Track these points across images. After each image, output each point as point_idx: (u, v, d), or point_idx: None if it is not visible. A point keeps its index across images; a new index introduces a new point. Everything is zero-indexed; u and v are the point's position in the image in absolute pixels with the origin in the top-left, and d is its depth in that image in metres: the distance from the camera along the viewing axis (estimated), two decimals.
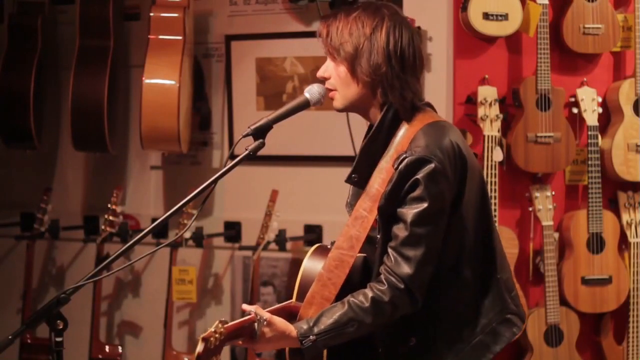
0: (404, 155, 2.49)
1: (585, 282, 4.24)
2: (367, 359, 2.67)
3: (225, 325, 2.41)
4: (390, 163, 2.53)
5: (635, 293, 4.28)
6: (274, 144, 3.09)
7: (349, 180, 2.63)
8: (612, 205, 4.34)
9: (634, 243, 4.29)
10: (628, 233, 4.29)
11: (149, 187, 5.02)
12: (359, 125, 4.46)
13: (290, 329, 2.50)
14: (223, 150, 4.84)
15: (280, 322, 2.50)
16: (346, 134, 4.44)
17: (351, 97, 2.60)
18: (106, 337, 5.06)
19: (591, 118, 4.23)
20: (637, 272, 4.28)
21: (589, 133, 4.23)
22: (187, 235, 4.61)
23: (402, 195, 2.50)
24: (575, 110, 4.26)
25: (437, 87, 4.21)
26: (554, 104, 4.18)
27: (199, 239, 4.67)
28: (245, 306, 2.58)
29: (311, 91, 2.66)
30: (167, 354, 4.60)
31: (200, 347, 2.29)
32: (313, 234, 4.61)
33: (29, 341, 4.86)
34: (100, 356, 4.72)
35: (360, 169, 2.61)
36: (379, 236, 2.55)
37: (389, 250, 2.50)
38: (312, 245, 4.64)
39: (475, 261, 2.60)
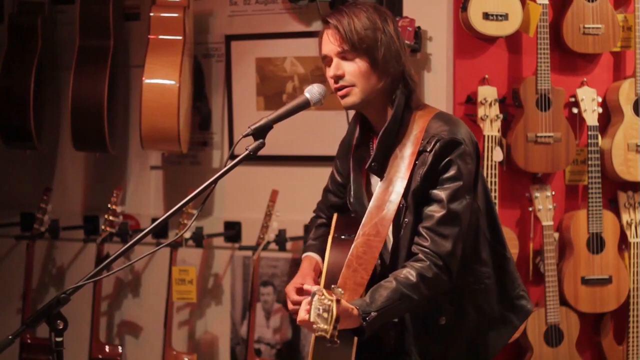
0: (436, 138, 2.62)
1: (585, 282, 4.24)
2: (397, 341, 2.74)
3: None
4: (411, 150, 2.64)
5: (635, 293, 4.28)
6: (274, 144, 3.09)
7: (369, 168, 2.71)
8: (612, 205, 4.34)
9: (634, 243, 4.29)
10: (628, 233, 4.29)
11: (149, 187, 5.02)
12: None
13: (352, 307, 2.53)
14: (223, 150, 4.84)
15: (344, 301, 2.52)
16: None
17: (371, 90, 2.67)
18: (106, 337, 5.06)
19: (591, 118, 4.23)
20: (637, 272, 4.28)
21: (589, 133, 4.23)
22: (187, 235, 4.61)
23: (436, 175, 2.62)
24: (575, 110, 4.26)
25: (437, 87, 4.21)
26: (554, 104, 4.19)
27: (199, 239, 4.67)
28: (307, 287, 2.61)
29: (311, 91, 2.67)
30: (167, 354, 4.60)
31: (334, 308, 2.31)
32: None
33: (29, 341, 4.85)
34: (100, 356, 4.72)
35: (379, 158, 2.69)
36: (406, 220, 2.65)
37: (423, 230, 2.62)
38: None
39: (488, 240, 2.78)
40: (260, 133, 2.57)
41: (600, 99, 4.26)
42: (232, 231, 4.79)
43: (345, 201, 2.95)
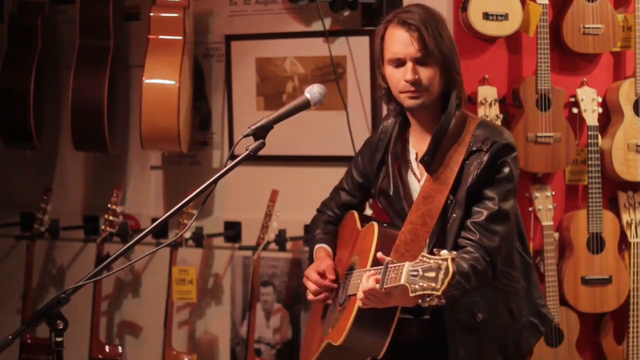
0: (492, 140, 2.74)
1: (585, 282, 4.24)
2: (435, 336, 2.79)
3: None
4: (459, 149, 2.76)
5: (635, 293, 4.28)
6: (274, 144, 3.09)
7: (422, 161, 2.79)
8: (612, 205, 4.34)
9: (634, 243, 4.29)
10: (628, 233, 4.29)
11: (149, 187, 5.02)
12: (359, 125, 4.47)
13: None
14: (223, 150, 4.84)
15: None
16: (346, 134, 4.44)
17: (436, 94, 2.79)
18: (106, 337, 5.06)
19: (591, 118, 4.23)
20: (637, 272, 4.28)
21: (589, 133, 4.23)
22: (187, 235, 4.61)
23: (490, 175, 2.73)
24: (575, 110, 4.26)
25: None
26: (554, 104, 4.18)
27: (199, 239, 4.67)
28: (380, 255, 2.63)
29: (311, 91, 2.67)
30: (167, 354, 4.60)
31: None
32: None
33: (29, 341, 4.85)
34: (100, 356, 4.72)
35: (430, 153, 2.78)
36: (454, 215, 2.74)
37: (472, 225, 2.71)
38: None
39: (517, 247, 2.88)
40: (260, 133, 2.57)
41: (600, 99, 4.26)
42: (232, 231, 4.79)
43: (359, 201, 3.09)
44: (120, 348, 4.81)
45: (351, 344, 2.74)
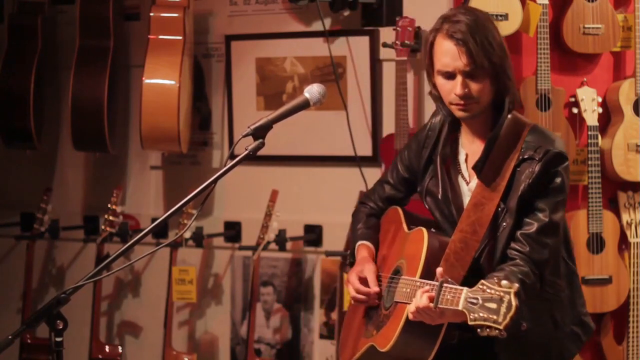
0: (545, 149, 2.69)
1: (585, 282, 4.23)
2: (477, 340, 2.70)
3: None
4: (510, 155, 2.71)
5: (635, 293, 4.28)
6: (274, 144, 3.09)
7: (474, 167, 2.74)
8: (612, 205, 4.34)
9: (634, 243, 4.29)
10: (628, 233, 4.29)
11: (149, 187, 5.02)
12: (359, 125, 4.48)
13: None
14: (223, 150, 4.84)
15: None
16: (346, 134, 4.44)
17: (487, 102, 2.75)
18: (106, 337, 5.06)
19: (591, 118, 4.22)
20: (637, 272, 4.28)
21: (589, 133, 4.23)
22: (187, 235, 4.61)
23: (542, 185, 2.69)
24: (575, 110, 4.26)
25: None
26: (554, 104, 4.18)
27: (199, 239, 4.67)
28: (440, 270, 2.59)
29: (311, 91, 2.66)
30: (167, 354, 4.60)
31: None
32: (313, 234, 4.61)
33: (29, 341, 4.86)
34: (100, 356, 4.72)
35: (483, 159, 2.73)
36: (504, 224, 2.71)
37: (522, 237, 2.68)
38: (312, 245, 4.68)
39: (563, 255, 2.83)
40: (260, 133, 2.57)
41: (600, 99, 4.26)
42: (232, 231, 4.79)
43: (403, 195, 3.04)
44: (120, 348, 4.81)
45: (397, 351, 2.72)
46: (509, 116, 2.75)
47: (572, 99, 4.27)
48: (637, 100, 4.25)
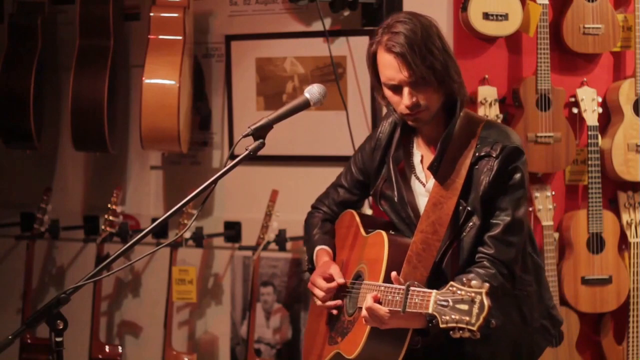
0: (501, 145, 2.69)
1: (585, 282, 4.24)
2: (446, 342, 2.73)
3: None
4: (465, 153, 2.70)
5: (635, 293, 4.28)
6: (274, 144, 3.09)
7: (431, 168, 2.74)
8: (612, 205, 4.34)
9: (634, 243, 4.29)
10: (628, 233, 4.29)
11: (149, 187, 5.02)
12: (359, 125, 4.47)
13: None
14: (223, 150, 4.84)
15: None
16: (346, 134, 4.44)
17: (437, 108, 2.73)
18: (106, 337, 5.06)
19: (591, 118, 4.23)
20: (637, 272, 4.28)
21: (589, 133, 4.23)
22: (187, 235, 4.61)
23: (502, 182, 2.69)
24: (575, 110, 4.26)
25: None
26: (554, 104, 4.19)
27: (199, 239, 4.67)
28: (394, 274, 2.62)
29: (311, 91, 2.67)
30: (167, 354, 4.60)
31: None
32: None
33: (29, 341, 4.86)
34: (100, 356, 4.72)
35: (438, 159, 2.73)
36: (470, 224, 2.70)
37: (488, 239, 2.68)
38: None
39: (529, 247, 2.84)
40: (260, 133, 2.57)
41: (600, 99, 4.26)
42: (232, 231, 4.79)
43: (357, 198, 3.04)
44: (120, 348, 4.81)
45: (365, 356, 2.71)
46: (462, 114, 2.76)
47: (572, 99, 4.28)
48: (637, 100, 4.25)
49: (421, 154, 2.84)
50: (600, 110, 4.24)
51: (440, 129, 2.77)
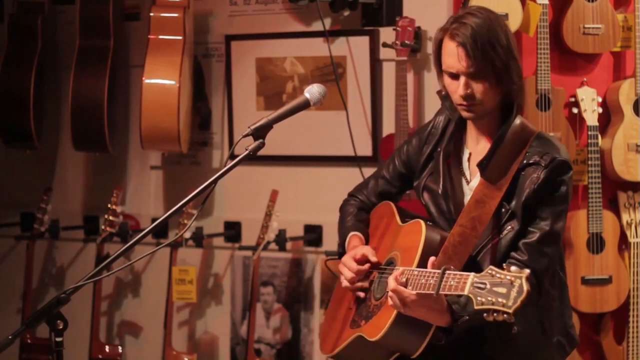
0: (551, 156, 2.69)
1: (585, 282, 4.24)
2: (473, 344, 2.75)
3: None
4: (514, 158, 2.71)
5: (635, 293, 4.28)
6: (274, 144, 3.09)
7: (479, 165, 2.74)
8: (612, 205, 4.34)
9: (634, 243, 4.29)
10: (628, 233, 4.29)
11: (149, 187, 5.02)
12: (359, 125, 4.48)
13: (445, 302, 2.57)
14: (223, 150, 4.84)
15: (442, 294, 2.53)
16: (346, 134, 4.44)
17: (493, 105, 2.74)
18: (106, 337, 5.06)
19: (591, 118, 4.23)
20: (637, 272, 4.28)
21: (589, 133, 4.23)
22: (187, 235, 4.61)
23: (546, 192, 2.68)
24: (575, 110, 4.26)
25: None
26: (554, 104, 4.19)
27: (199, 239, 4.67)
28: (433, 259, 2.61)
29: (311, 91, 2.66)
30: (167, 354, 4.60)
31: None
32: (313, 234, 4.61)
33: (29, 341, 4.86)
34: (100, 356, 4.72)
35: (488, 157, 2.73)
36: (510, 227, 2.69)
37: (523, 246, 2.68)
38: (312, 245, 4.68)
39: (557, 265, 2.84)
40: (260, 133, 2.57)
41: (600, 99, 4.26)
42: (232, 231, 4.79)
43: (397, 191, 3.04)
44: (120, 348, 4.81)
45: (387, 341, 2.71)
46: (517, 121, 2.76)
47: (572, 99, 4.27)
48: (637, 100, 4.25)
49: (470, 152, 2.84)
50: (600, 110, 4.24)
51: (492, 128, 2.78)
